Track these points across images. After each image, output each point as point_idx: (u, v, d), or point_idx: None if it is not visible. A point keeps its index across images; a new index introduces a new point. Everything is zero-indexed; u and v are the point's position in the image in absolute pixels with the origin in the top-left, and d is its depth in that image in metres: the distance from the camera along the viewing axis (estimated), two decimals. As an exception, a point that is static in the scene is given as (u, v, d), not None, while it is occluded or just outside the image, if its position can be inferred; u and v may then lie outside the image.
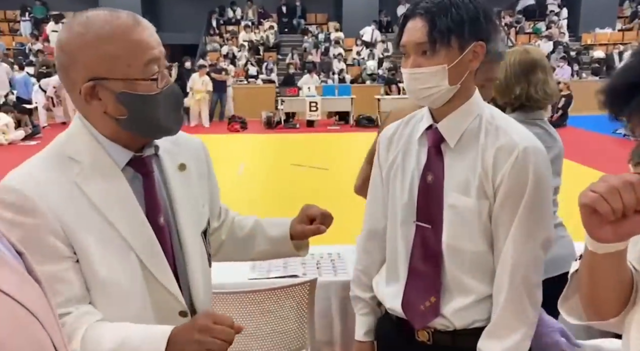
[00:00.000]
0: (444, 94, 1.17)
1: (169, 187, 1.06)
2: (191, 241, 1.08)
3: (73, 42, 0.93)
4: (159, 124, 0.99)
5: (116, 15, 0.94)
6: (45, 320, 0.58)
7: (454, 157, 1.21)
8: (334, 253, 2.51)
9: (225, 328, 0.92)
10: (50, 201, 0.91)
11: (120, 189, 0.98)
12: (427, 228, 1.23)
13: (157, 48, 0.96)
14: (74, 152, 0.97)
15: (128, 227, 0.97)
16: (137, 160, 1.01)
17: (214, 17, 17.13)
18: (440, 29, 1.12)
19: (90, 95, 0.94)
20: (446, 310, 1.22)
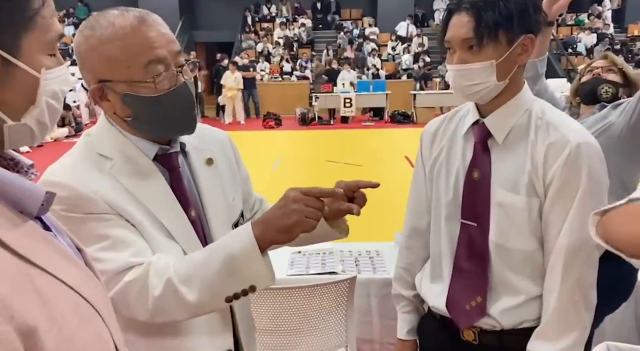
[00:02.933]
0: (491, 90, 1.14)
1: (197, 181, 1.07)
2: (221, 234, 1.06)
3: (81, 45, 0.94)
4: (164, 125, 0.98)
5: (122, 15, 0.93)
6: (105, 314, 0.60)
7: (501, 154, 1.18)
8: (372, 250, 2.49)
9: (314, 198, 0.93)
10: (94, 190, 0.93)
11: (155, 180, 1.00)
12: (472, 227, 1.20)
13: (164, 47, 0.93)
14: (103, 149, 0.99)
15: (167, 217, 0.98)
16: (164, 157, 1.02)
17: (249, 15, 17.29)
18: (488, 23, 1.08)
19: (99, 96, 0.95)
20: (493, 310, 1.19)
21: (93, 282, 0.62)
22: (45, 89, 0.57)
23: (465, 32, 1.11)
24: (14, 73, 0.54)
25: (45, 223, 0.61)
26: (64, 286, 0.54)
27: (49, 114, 0.59)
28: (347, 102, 11.66)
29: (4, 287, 0.46)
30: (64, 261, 0.58)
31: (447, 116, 1.32)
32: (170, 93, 0.94)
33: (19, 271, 0.50)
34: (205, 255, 0.93)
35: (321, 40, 16.49)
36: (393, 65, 14.86)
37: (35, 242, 0.55)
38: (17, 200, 0.55)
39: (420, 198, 1.35)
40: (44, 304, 0.50)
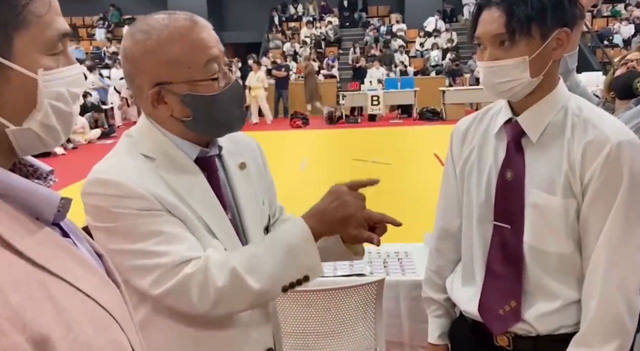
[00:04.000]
0: (525, 87, 1.09)
1: (232, 185, 1.08)
2: (256, 236, 1.09)
3: (136, 50, 0.94)
4: (222, 122, 1.01)
5: (174, 18, 0.95)
6: (123, 322, 0.59)
7: (535, 153, 1.13)
8: (401, 251, 2.45)
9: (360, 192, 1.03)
10: (143, 186, 0.94)
11: (198, 180, 1.01)
12: (506, 229, 1.16)
13: (216, 46, 0.96)
14: (146, 149, 1.00)
15: (209, 216, 1.00)
16: (203, 159, 1.04)
17: (276, 15, 17.38)
18: (520, 18, 1.04)
19: (156, 100, 0.96)
20: (528, 315, 1.15)
21: (111, 288, 0.61)
22: (46, 91, 0.55)
23: (496, 27, 1.07)
24: (8, 75, 0.52)
25: (64, 229, 0.61)
26: (80, 294, 0.54)
27: (57, 117, 0.56)
28: (374, 100, 11.59)
29: (16, 296, 0.45)
30: (80, 268, 0.57)
31: (479, 114, 1.28)
32: (227, 91, 0.98)
33: (33, 279, 0.49)
34: (265, 245, 0.97)
35: (348, 38, 16.44)
36: (421, 61, 14.70)
37: (51, 249, 0.54)
38: (32, 206, 0.55)
39: (450, 199, 1.31)
40: (59, 312, 0.49)
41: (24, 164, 0.60)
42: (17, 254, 0.49)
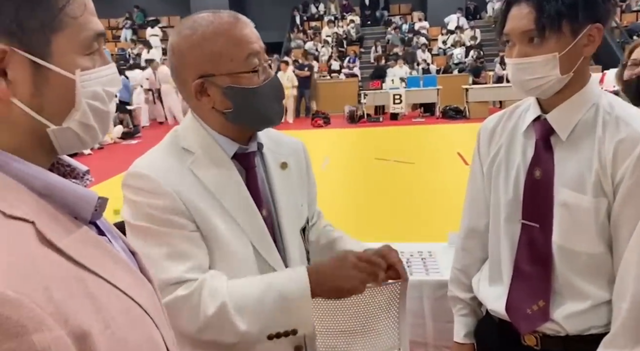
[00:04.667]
0: (554, 84, 1.08)
1: (271, 182, 1.10)
2: (291, 236, 1.11)
3: (182, 44, 0.99)
4: (261, 115, 1.03)
5: (219, 15, 0.99)
6: (156, 317, 0.60)
7: (565, 151, 1.11)
8: (425, 251, 2.42)
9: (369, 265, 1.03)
10: (173, 184, 0.98)
11: (232, 176, 1.04)
12: (534, 228, 1.15)
13: (257, 42, 1.00)
14: (187, 143, 1.04)
15: (240, 213, 1.02)
16: (242, 155, 1.06)
17: (298, 14, 17.41)
18: (550, 14, 1.02)
19: (199, 92, 1.00)
20: (557, 315, 1.13)
21: (145, 285, 0.63)
22: (84, 90, 0.56)
23: (526, 24, 1.05)
24: (47, 77, 0.54)
25: (99, 227, 0.62)
26: (116, 291, 0.55)
27: (94, 116, 0.58)
28: (396, 98, 11.51)
29: (58, 292, 0.47)
30: (116, 265, 0.58)
31: (506, 112, 1.26)
32: (267, 84, 1.01)
33: (73, 276, 0.50)
34: (261, 289, 0.97)
35: (370, 36, 16.37)
36: (444, 59, 14.54)
37: (88, 246, 0.56)
38: (71, 205, 0.56)
39: (477, 198, 1.30)
40: (97, 308, 0.51)
41: (62, 164, 0.62)
42: (58, 252, 0.51)
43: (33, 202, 0.52)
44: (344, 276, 0.99)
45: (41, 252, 0.49)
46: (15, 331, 0.42)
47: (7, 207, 0.49)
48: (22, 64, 0.52)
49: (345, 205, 4.88)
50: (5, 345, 0.41)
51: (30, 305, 0.43)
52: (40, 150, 0.56)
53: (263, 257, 1.04)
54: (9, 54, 0.51)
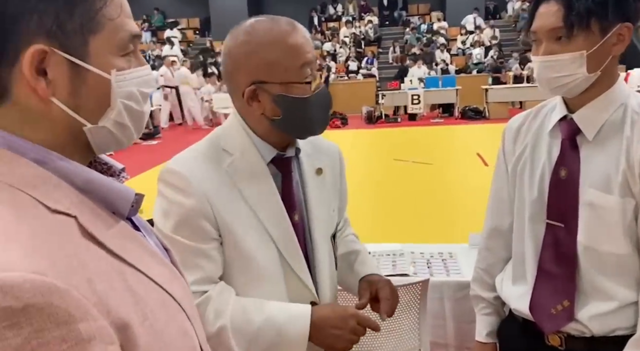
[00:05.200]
0: (580, 83, 1.07)
1: (305, 188, 1.11)
2: (322, 241, 1.12)
3: (239, 50, 1.00)
4: (307, 125, 1.04)
5: (276, 23, 1.00)
6: (189, 311, 0.62)
7: (591, 151, 1.11)
8: (445, 252, 2.41)
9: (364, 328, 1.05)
10: (205, 186, 1.00)
11: (266, 182, 1.05)
12: (559, 227, 1.14)
13: (311, 52, 1.01)
14: (227, 145, 1.06)
15: (270, 218, 1.04)
16: (279, 160, 1.08)
17: (316, 15, 17.42)
18: (579, 12, 1.02)
19: (251, 97, 1.01)
20: (581, 315, 1.13)
21: (178, 280, 0.65)
22: (119, 90, 0.58)
23: (554, 21, 1.05)
24: (85, 77, 0.55)
25: (134, 223, 0.64)
26: (153, 284, 0.57)
27: (129, 115, 0.60)
28: (414, 99, 11.45)
29: (101, 284, 0.49)
30: (152, 260, 0.60)
31: (532, 111, 1.26)
32: (317, 94, 1.02)
33: (113, 269, 0.52)
34: (262, 320, 1.00)
35: (388, 37, 16.31)
36: (463, 59, 14.42)
37: (127, 241, 0.58)
38: (110, 201, 0.58)
39: (501, 197, 1.30)
40: (136, 300, 0.53)
41: (99, 162, 0.64)
42: (99, 245, 0.53)
43: (75, 197, 0.54)
44: (339, 337, 1.02)
45: (84, 245, 0.51)
46: (64, 319, 0.43)
47: (52, 202, 0.51)
48: (61, 64, 0.54)
49: (363, 206, 4.87)
50: (54, 332, 0.43)
51: (77, 295, 0.45)
52: (78, 148, 0.58)
53: (290, 265, 1.06)
54: (49, 55, 0.52)
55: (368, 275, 1.22)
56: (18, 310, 0.42)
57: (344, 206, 1.28)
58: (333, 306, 1.06)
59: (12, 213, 0.48)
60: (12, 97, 0.53)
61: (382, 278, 1.20)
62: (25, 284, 0.42)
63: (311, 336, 1.00)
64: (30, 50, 0.51)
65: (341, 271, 1.25)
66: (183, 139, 9.94)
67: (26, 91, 0.53)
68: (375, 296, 1.16)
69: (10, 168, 0.52)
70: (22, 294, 0.42)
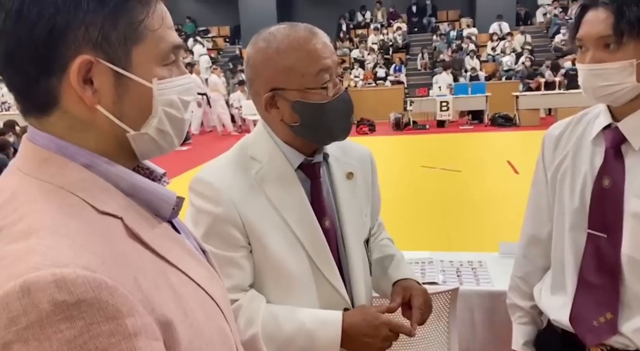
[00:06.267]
0: (628, 92, 1.05)
1: (336, 193, 1.11)
2: (355, 247, 1.11)
3: (257, 57, 1.01)
4: (328, 131, 1.04)
5: (294, 30, 1.01)
6: (226, 311, 0.64)
7: (637, 160, 1.08)
8: (475, 261, 2.37)
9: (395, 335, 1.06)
10: (233, 194, 1.01)
11: (294, 189, 1.05)
12: (601, 238, 1.12)
13: (330, 57, 1.01)
14: (255, 152, 1.07)
15: (299, 225, 1.04)
16: (308, 166, 1.08)
17: (344, 22, 17.48)
18: (630, 19, 0.99)
19: (270, 104, 1.02)
20: (625, 328, 1.10)
21: (216, 281, 0.66)
22: (160, 99, 0.60)
23: (603, 29, 1.03)
24: (127, 85, 0.57)
25: (174, 225, 0.66)
26: (193, 284, 0.59)
27: (170, 123, 0.61)
28: (443, 105, 11.34)
29: (145, 282, 0.51)
30: (192, 260, 0.62)
31: (574, 119, 1.24)
32: (336, 100, 1.01)
33: (157, 268, 0.55)
34: (294, 328, 1.00)
35: (416, 43, 16.24)
36: (493, 66, 14.23)
37: (169, 242, 0.60)
38: (153, 204, 0.61)
39: (540, 205, 1.28)
40: (178, 299, 0.55)
41: (142, 167, 0.67)
42: (143, 245, 0.55)
43: (121, 199, 0.57)
44: (371, 345, 1.02)
45: (129, 245, 0.54)
46: (113, 314, 0.46)
47: (100, 203, 0.54)
48: (106, 73, 0.56)
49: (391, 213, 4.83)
50: (104, 326, 0.45)
51: (124, 292, 0.47)
52: (123, 154, 0.61)
53: (321, 271, 1.05)
54: (94, 65, 0.55)
55: (403, 280, 1.20)
56: (72, 304, 0.44)
57: (377, 210, 1.27)
58: (364, 313, 1.05)
59: (63, 214, 0.51)
60: (61, 105, 0.56)
61: (418, 286, 1.18)
62: (78, 279, 0.45)
63: (343, 343, 1.00)
64: (78, 61, 0.54)
65: (376, 276, 1.24)
66: (212, 145, 10.09)
67: (74, 99, 0.55)
68: (408, 302, 1.14)
69: (62, 172, 0.55)
70: (75, 289, 0.44)
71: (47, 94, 0.55)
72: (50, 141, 0.56)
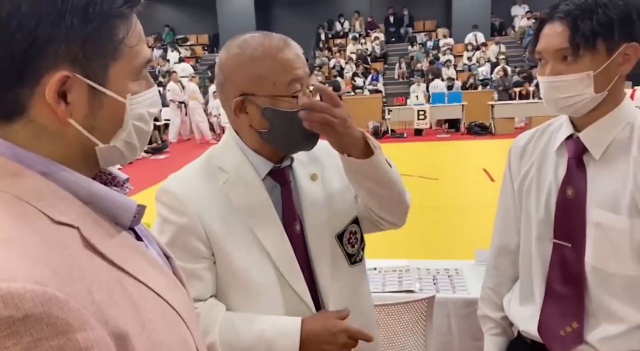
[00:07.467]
0: (588, 103, 1.07)
1: (300, 196, 1.11)
2: (320, 249, 1.10)
3: (230, 63, 1.02)
4: (296, 140, 1.04)
5: (269, 38, 1.02)
6: (188, 320, 0.63)
7: (598, 170, 1.10)
8: (451, 268, 2.40)
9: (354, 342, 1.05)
10: (197, 205, 1.02)
11: (261, 198, 1.06)
12: (566, 247, 1.13)
13: (302, 68, 1.02)
14: (222, 163, 1.08)
15: (266, 235, 1.04)
16: (276, 171, 1.08)
17: (323, 32, 17.58)
18: (584, 33, 1.02)
19: (239, 109, 1.03)
20: (591, 337, 1.11)
21: (179, 289, 0.66)
22: (132, 113, 0.60)
23: (560, 42, 1.05)
24: (102, 100, 0.58)
25: (137, 233, 0.66)
26: (152, 294, 0.58)
27: (137, 135, 0.62)
28: (420, 114, 11.48)
29: (100, 294, 0.50)
30: (152, 269, 0.62)
31: (538, 130, 1.26)
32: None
33: (113, 279, 0.54)
34: (252, 338, 1.00)
35: (394, 53, 16.43)
36: (468, 75, 14.48)
37: (128, 251, 0.59)
38: (112, 212, 0.60)
39: (508, 216, 1.29)
40: (135, 310, 0.54)
41: (104, 173, 0.66)
42: (100, 256, 0.54)
43: (78, 208, 0.56)
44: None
45: (85, 256, 0.52)
46: (63, 329, 0.45)
47: (55, 213, 0.53)
48: (82, 88, 0.56)
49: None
50: (53, 341, 0.44)
51: (76, 305, 0.46)
52: (85, 162, 0.60)
53: (287, 280, 1.05)
54: (71, 80, 0.55)
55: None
56: (18, 320, 0.43)
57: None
58: (324, 320, 1.04)
59: (16, 224, 0.50)
60: (29, 114, 0.55)
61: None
62: (27, 294, 0.44)
63: (303, 349, 1.00)
64: (56, 77, 0.54)
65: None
66: (190, 154, 9.97)
67: (44, 110, 0.55)
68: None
69: (17, 180, 0.54)
70: (23, 304, 0.43)
71: (15, 103, 0.54)
72: (7, 148, 0.55)
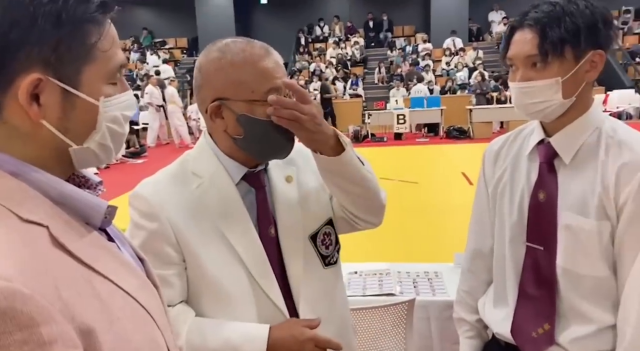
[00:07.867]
0: (557, 108, 1.10)
1: (274, 199, 1.10)
2: (292, 251, 1.10)
3: (209, 66, 1.02)
4: (269, 147, 1.04)
5: (250, 45, 1.01)
6: (159, 321, 0.64)
7: (568, 174, 1.13)
8: (431, 271, 2.42)
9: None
10: (170, 211, 1.01)
11: (235, 203, 1.05)
12: (538, 250, 1.16)
13: (281, 78, 1.01)
14: (196, 168, 1.07)
15: (239, 240, 1.04)
16: (251, 175, 1.08)
17: (303, 36, 17.63)
18: (552, 40, 1.05)
19: (215, 113, 1.02)
20: (562, 339, 1.13)
21: (149, 289, 0.66)
22: (105, 115, 0.61)
23: (529, 49, 1.08)
24: (75, 103, 0.58)
25: (109, 234, 0.67)
26: (122, 292, 0.59)
27: (111, 137, 0.63)
28: (400, 118, 11.59)
29: (67, 291, 0.51)
30: (123, 269, 0.62)
31: (511, 135, 1.28)
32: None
33: (81, 276, 0.55)
34: (218, 345, 0.99)
35: (374, 58, 16.55)
36: (447, 80, 14.68)
37: (98, 251, 0.60)
38: (83, 212, 0.61)
39: (482, 220, 1.31)
40: (103, 308, 0.54)
41: (77, 175, 0.66)
42: (68, 254, 0.55)
43: (48, 208, 0.57)
44: None
45: (53, 254, 0.53)
46: (26, 323, 0.45)
47: (25, 212, 0.54)
48: (54, 90, 0.57)
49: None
50: (16, 335, 0.45)
51: (41, 301, 0.47)
52: (59, 164, 0.61)
53: (260, 285, 1.04)
54: (43, 82, 0.55)
55: None
56: None
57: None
58: (292, 328, 1.03)
59: None
60: (2, 116, 0.56)
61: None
62: None
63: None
64: (28, 79, 0.54)
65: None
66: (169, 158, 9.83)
67: (17, 112, 0.56)
68: None
69: None
70: None
71: None
72: None
